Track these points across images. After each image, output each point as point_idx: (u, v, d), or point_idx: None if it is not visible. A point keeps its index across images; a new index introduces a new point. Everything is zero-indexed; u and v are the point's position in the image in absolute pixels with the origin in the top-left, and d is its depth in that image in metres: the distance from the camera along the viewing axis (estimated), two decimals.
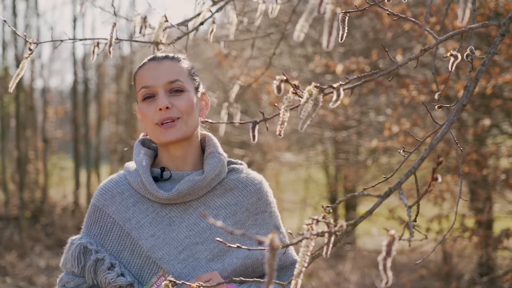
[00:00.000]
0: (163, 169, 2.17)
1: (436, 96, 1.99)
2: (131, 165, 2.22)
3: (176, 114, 2.09)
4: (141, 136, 2.31)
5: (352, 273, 8.84)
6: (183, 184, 2.10)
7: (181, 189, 2.10)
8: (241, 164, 2.28)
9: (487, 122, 6.42)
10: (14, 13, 11.78)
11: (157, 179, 2.16)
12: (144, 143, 2.27)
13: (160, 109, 2.08)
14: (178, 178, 2.16)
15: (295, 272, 1.19)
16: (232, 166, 2.25)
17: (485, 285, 6.78)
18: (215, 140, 2.24)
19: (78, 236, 2.20)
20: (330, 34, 1.09)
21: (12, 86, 2.16)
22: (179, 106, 2.10)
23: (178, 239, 2.12)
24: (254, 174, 2.27)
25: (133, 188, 2.17)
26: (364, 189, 1.77)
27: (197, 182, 2.11)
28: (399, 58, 5.98)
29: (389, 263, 1.08)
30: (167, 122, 2.09)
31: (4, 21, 2.25)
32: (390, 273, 1.11)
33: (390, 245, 1.05)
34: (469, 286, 7.31)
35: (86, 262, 2.11)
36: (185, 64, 2.19)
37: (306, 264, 1.14)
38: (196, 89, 2.19)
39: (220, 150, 2.21)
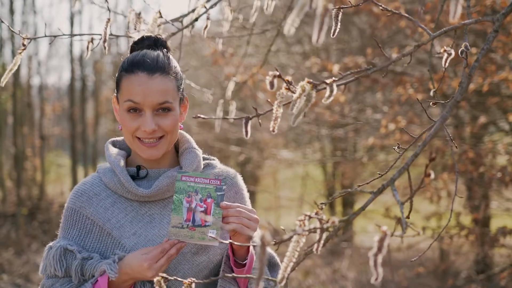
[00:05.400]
0: (139, 168, 2.16)
1: (431, 93, 1.98)
2: (104, 166, 2.20)
3: (160, 134, 2.07)
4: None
5: (349, 270, 8.84)
6: (162, 181, 2.09)
7: (160, 185, 2.09)
8: (213, 159, 2.28)
9: (483, 119, 6.42)
10: (11, 10, 11.79)
11: (133, 177, 2.15)
12: (115, 144, 2.25)
13: (145, 130, 2.04)
14: (155, 175, 2.15)
15: (283, 265, 1.19)
16: (206, 161, 2.25)
17: (482, 283, 6.79)
18: (188, 136, 2.23)
19: (55, 241, 2.16)
20: (320, 29, 1.08)
21: (4, 80, 2.14)
22: (165, 126, 2.06)
23: (160, 236, 2.10)
24: (228, 169, 2.27)
25: (110, 188, 2.15)
26: (359, 185, 1.76)
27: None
28: (395, 56, 5.97)
29: (380, 259, 1.08)
30: (150, 141, 2.07)
31: None
32: (380, 269, 1.10)
33: (382, 241, 1.05)
34: (466, 284, 7.32)
35: (70, 263, 2.08)
36: (175, 74, 2.11)
37: (294, 259, 1.14)
38: (180, 99, 2.15)
39: (195, 145, 2.21)
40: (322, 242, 1.14)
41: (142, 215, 2.13)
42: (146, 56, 2.10)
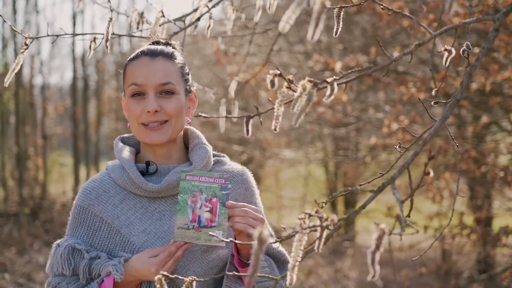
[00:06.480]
0: (148, 163, 2.15)
1: (433, 93, 1.98)
2: (113, 163, 2.20)
3: (163, 117, 2.07)
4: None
5: (351, 270, 8.84)
6: (172, 176, 2.08)
7: (170, 180, 2.07)
8: (224, 156, 2.28)
9: (486, 119, 6.41)
10: (14, 10, 11.81)
11: (143, 173, 2.14)
12: (124, 141, 2.26)
13: (148, 111, 2.05)
14: (164, 171, 2.14)
15: (289, 266, 1.19)
16: (216, 158, 2.24)
17: (484, 283, 6.78)
18: (198, 132, 2.23)
19: (62, 239, 2.16)
20: (316, 25, 1.09)
21: (7, 80, 2.15)
22: (168, 109, 2.07)
23: (170, 233, 2.08)
24: (238, 166, 2.27)
25: (119, 185, 2.14)
26: (360, 185, 1.76)
27: None
28: (397, 55, 5.97)
29: (377, 257, 1.08)
30: (153, 125, 2.08)
31: (0, 16, 2.25)
32: (377, 267, 1.10)
33: (380, 239, 1.05)
34: (468, 284, 7.31)
35: (78, 263, 2.07)
36: (179, 62, 2.14)
37: (299, 259, 1.14)
38: (187, 89, 2.16)
39: (205, 141, 2.21)
40: (322, 240, 1.14)
41: (152, 212, 2.12)
42: (149, 46, 2.16)
